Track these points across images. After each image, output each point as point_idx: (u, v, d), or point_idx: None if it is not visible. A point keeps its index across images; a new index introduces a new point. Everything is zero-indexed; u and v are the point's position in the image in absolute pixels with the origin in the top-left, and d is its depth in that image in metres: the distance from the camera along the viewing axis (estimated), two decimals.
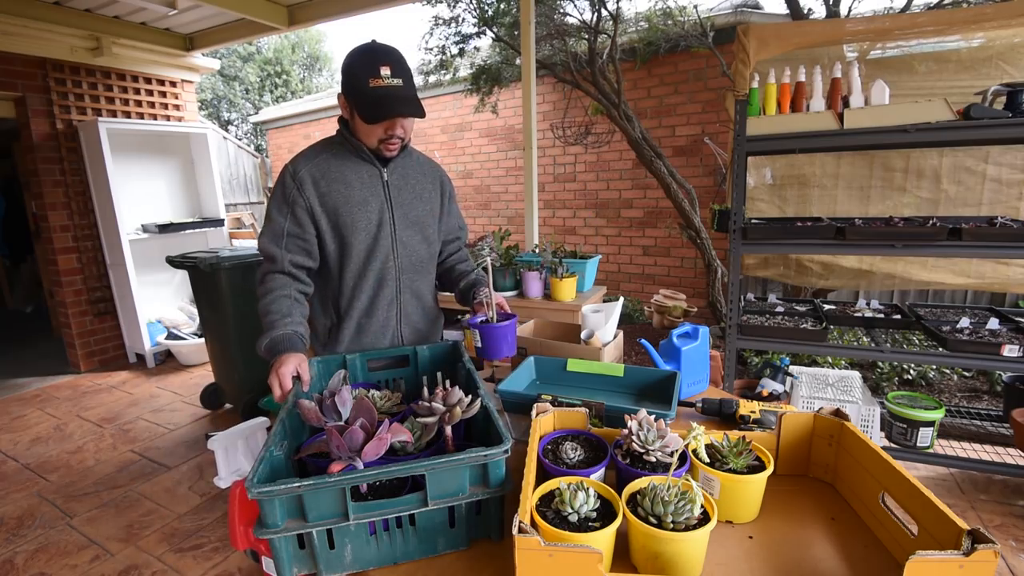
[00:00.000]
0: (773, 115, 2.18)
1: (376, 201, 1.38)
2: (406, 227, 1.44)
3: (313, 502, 0.77)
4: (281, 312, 1.28)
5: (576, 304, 2.58)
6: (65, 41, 3.89)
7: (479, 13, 4.25)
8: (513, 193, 6.05)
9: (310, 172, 1.34)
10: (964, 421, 2.70)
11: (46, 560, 2.08)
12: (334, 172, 1.35)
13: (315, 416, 0.95)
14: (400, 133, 1.32)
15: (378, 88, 1.22)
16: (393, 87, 1.23)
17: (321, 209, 1.34)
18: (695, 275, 4.90)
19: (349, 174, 1.36)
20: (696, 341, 1.45)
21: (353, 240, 1.36)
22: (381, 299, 1.43)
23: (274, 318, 1.27)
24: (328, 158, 1.37)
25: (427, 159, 1.54)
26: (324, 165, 1.36)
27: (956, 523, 0.65)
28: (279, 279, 1.34)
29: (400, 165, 1.44)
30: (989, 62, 2.43)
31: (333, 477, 0.76)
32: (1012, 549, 1.91)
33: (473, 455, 0.81)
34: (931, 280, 2.81)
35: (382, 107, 1.24)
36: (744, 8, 4.33)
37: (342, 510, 0.78)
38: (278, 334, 1.24)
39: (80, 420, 3.35)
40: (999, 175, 2.57)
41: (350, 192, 1.35)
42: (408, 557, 0.84)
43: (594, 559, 0.63)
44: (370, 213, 1.37)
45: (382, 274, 1.41)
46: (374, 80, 1.21)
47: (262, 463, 0.80)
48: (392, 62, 1.23)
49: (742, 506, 0.86)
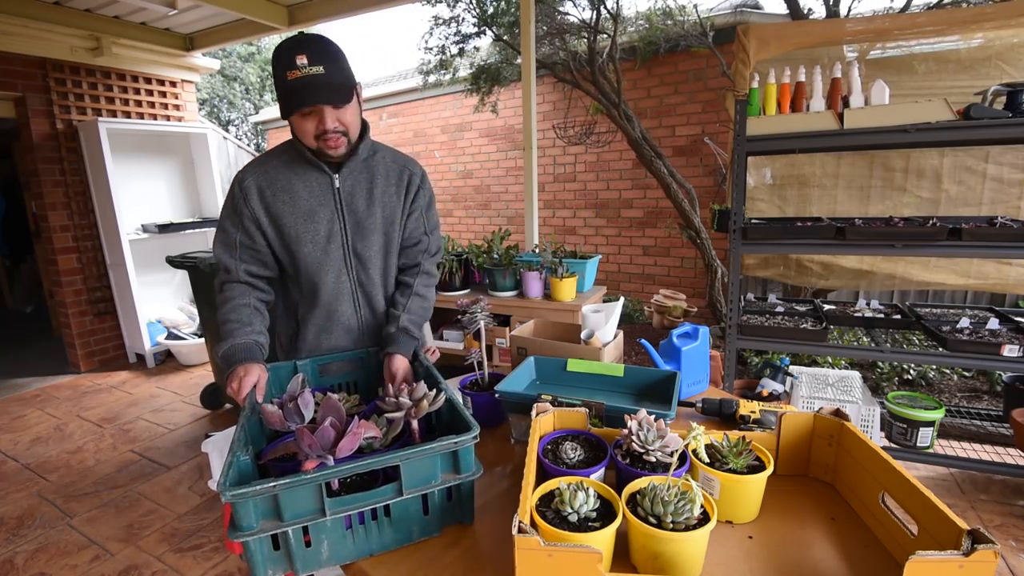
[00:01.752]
0: (773, 115, 2.18)
1: (325, 211, 1.28)
2: (361, 238, 1.33)
3: (289, 501, 0.77)
4: (241, 321, 1.23)
5: (576, 304, 2.58)
6: (65, 41, 3.89)
7: (479, 13, 4.25)
8: (513, 193, 6.06)
9: (256, 181, 1.26)
10: (964, 421, 2.70)
11: (46, 560, 2.08)
12: (280, 181, 1.27)
13: (279, 420, 0.93)
14: (334, 126, 1.19)
15: (295, 79, 1.12)
16: (311, 75, 1.12)
17: (267, 220, 1.27)
18: (695, 275, 4.90)
19: (296, 183, 1.27)
20: (696, 341, 1.45)
21: (300, 253, 1.29)
22: (339, 312, 1.36)
23: (233, 327, 1.22)
24: (277, 166, 1.28)
25: (398, 158, 1.41)
26: (272, 174, 1.27)
27: (956, 523, 0.65)
28: (237, 288, 1.29)
29: (356, 169, 1.32)
30: (989, 62, 2.43)
31: (310, 474, 0.77)
32: (1012, 549, 1.91)
33: (445, 443, 0.84)
34: (931, 280, 2.81)
35: (295, 96, 1.14)
36: (744, 8, 4.33)
37: (318, 506, 0.79)
38: (239, 342, 1.19)
39: (80, 420, 3.35)
40: (999, 175, 2.57)
41: (296, 203, 1.27)
42: (384, 548, 0.86)
43: (594, 559, 0.63)
44: (317, 225, 1.28)
45: (337, 288, 1.33)
46: (291, 72, 1.12)
47: (231, 468, 0.80)
48: (309, 50, 1.12)
49: (742, 506, 0.86)
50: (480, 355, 1.32)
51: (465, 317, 1.32)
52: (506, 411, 1.22)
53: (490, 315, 1.35)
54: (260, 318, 1.28)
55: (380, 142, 1.41)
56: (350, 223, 1.31)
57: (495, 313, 2.67)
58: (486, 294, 2.82)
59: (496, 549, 0.84)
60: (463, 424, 0.90)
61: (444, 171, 6.60)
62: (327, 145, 1.21)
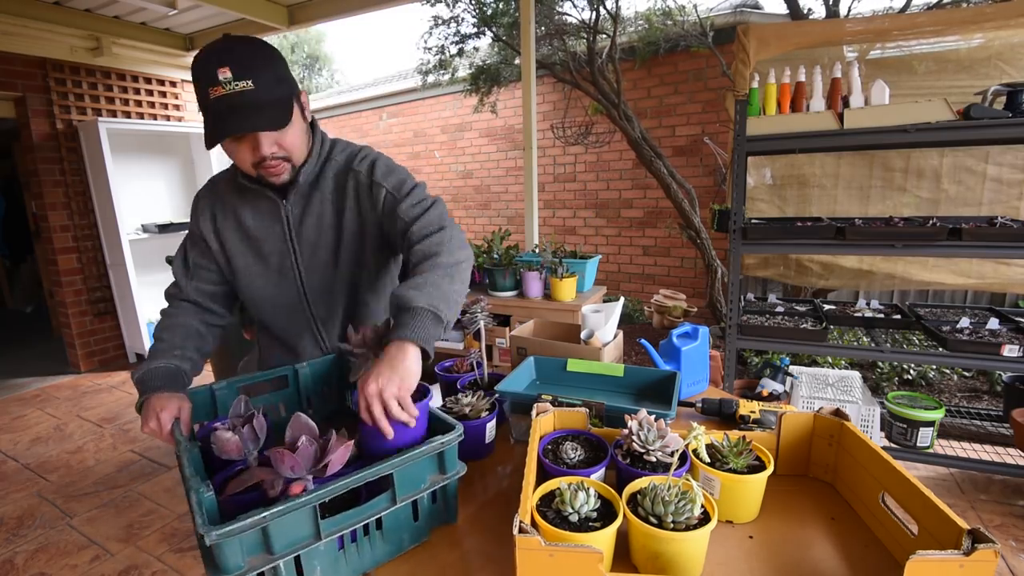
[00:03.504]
0: (773, 115, 2.18)
1: (274, 242, 1.12)
2: (316, 270, 1.15)
3: (280, 530, 0.69)
4: (169, 342, 1.07)
5: (576, 304, 2.58)
6: (65, 41, 3.89)
7: (479, 13, 4.25)
8: (513, 193, 6.06)
9: (209, 203, 1.14)
10: (964, 421, 2.70)
11: (46, 560, 2.08)
12: (229, 206, 1.12)
13: (236, 448, 0.82)
14: (272, 152, 0.99)
15: (218, 98, 0.90)
16: (235, 93, 0.90)
17: (217, 247, 1.14)
18: (695, 275, 4.90)
19: (244, 210, 1.11)
20: (696, 341, 1.45)
21: (250, 287, 1.15)
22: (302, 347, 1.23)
23: (159, 347, 1.06)
24: (228, 188, 1.13)
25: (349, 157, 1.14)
26: (222, 196, 1.13)
27: (956, 523, 0.65)
28: (182, 307, 1.15)
29: (306, 190, 1.11)
30: (989, 62, 2.43)
31: (304, 496, 0.70)
32: (1012, 549, 1.91)
33: (434, 445, 0.81)
34: (931, 280, 2.81)
35: (218, 124, 0.92)
36: (744, 8, 4.33)
37: (312, 530, 0.73)
38: (157, 366, 1.02)
39: (80, 420, 3.35)
40: (999, 175, 2.57)
41: (242, 234, 1.12)
42: (377, 562, 0.82)
43: (594, 559, 0.63)
44: (267, 258, 1.13)
45: (294, 327, 1.20)
46: (213, 89, 0.90)
47: (201, 506, 0.69)
48: (233, 60, 0.91)
49: (742, 506, 0.86)
50: (480, 355, 1.32)
51: (465, 317, 1.31)
52: (506, 411, 1.22)
53: (490, 315, 1.34)
54: (196, 341, 1.11)
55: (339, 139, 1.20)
56: (303, 255, 1.13)
57: (495, 313, 2.67)
58: (486, 294, 2.82)
59: (496, 549, 0.83)
60: (442, 427, 0.89)
61: (444, 171, 6.60)
62: (267, 173, 1.02)
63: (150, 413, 0.92)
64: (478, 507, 0.95)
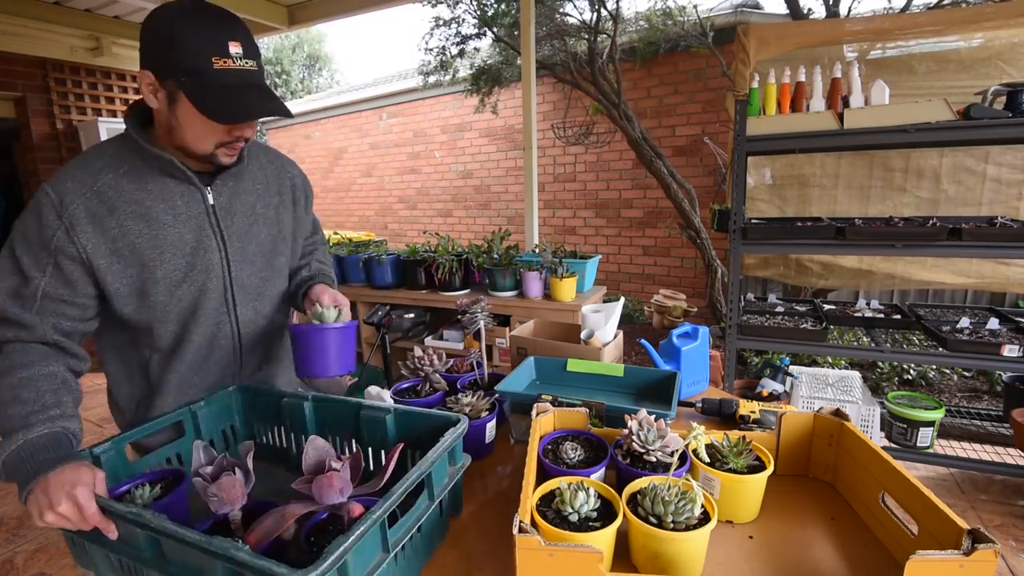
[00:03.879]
0: (773, 115, 2.19)
1: (197, 238, 0.96)
2: (246, 265, 1.03)
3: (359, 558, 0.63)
4: (41, 400, 0.81)
5: (576, 304, 2.58)
6: (65, 41, 3.89)
7: (479, 13, 4.25)
8: (513, 193, 6.06)
9: (88, 205, 0.87)
10: (964, 421, 2.70)
11: (46, 560, 2.08)
12: (127, 203, 0.90)
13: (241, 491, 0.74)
14: (250, 134, 0.94)
15: (229, 72, 0.83)
16: (247, 71, 0.85)
17: (107, 261, 0.89)
18: (695, 275, 4.90)
19: (153, 203, 0.92)
20: (696, 341, 1.45)
21: (167, 301, 0.95)
22: (213, 360, 1.05)
23: (27, 409, 0.79)
24: (117, 180, 0.90)
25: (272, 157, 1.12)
26: (110, 193, 0.89)
27: (956, 523, 0.65)
28: (34, 351, 0.86)
29: (231, 177, 1.00)
30: (989, 62, 2.43)
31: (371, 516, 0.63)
32: (1012, 549, 1.91)
33: (449, 440, 0.82)
34: (930, 279, 2.81)
35: (241, 102, 0.85)
36: (744, 8, 4.33)
37: (382, 546, 0.68)
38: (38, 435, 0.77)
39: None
40: (999, 175, 2.57)
41: (156, 232, 0.92)
42: (420, 566, 0.80)
43: (594, 559, 0.63)
44: (189, 257, 0.96)
45: (214, 334, 1.03)
46: (221, 60, 0.82)
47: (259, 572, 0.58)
48: (243, 36, 0.86)
49: (742, 506, 0.86)
50: (480, 355, 1.32)
51: (465, 317, 1.31)
52: (506, 411, 1.22)
53: (490, 315, 1.34)
54: (71, 396, 0.87)
55: None
56: (233, 250, 1.00)
57: (495, 313, 2.67)
58: (486, 294, 2.82)
59: (496, 549, 0.84)
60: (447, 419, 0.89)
61: (444, 171, 6.60)
62: (227, 154, 0.93)
63: (57, 495, 0.70)
64: (478, 506, 0.95)
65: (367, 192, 7.54)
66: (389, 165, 7.16)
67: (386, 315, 2.35)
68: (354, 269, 3.17)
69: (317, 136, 7.99)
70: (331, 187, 7.97)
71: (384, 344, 2.34)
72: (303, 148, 8.23)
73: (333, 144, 7.79)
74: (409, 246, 3.05)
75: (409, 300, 2.97)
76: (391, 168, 7.15)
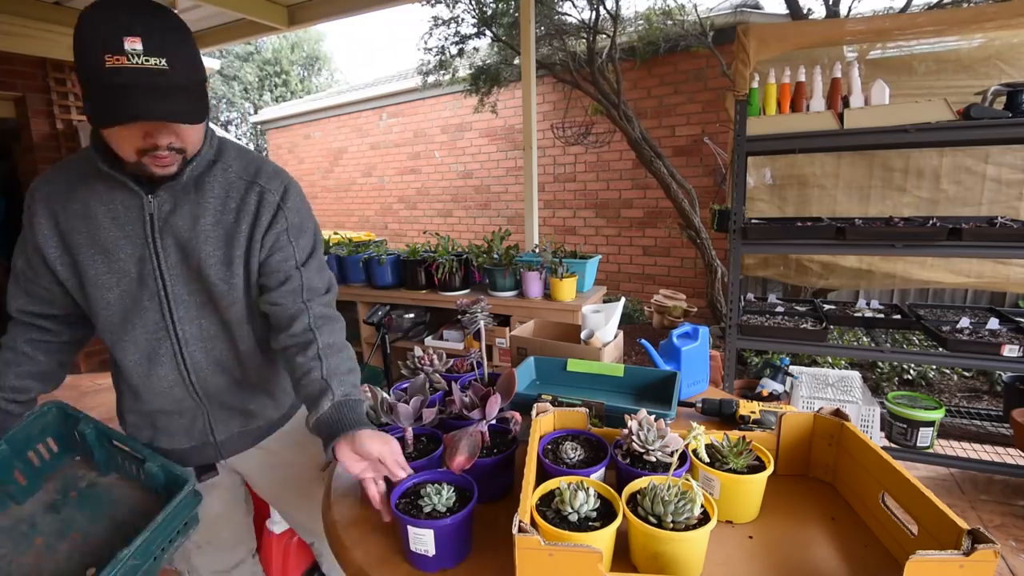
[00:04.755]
0: (773, 115, 2.19)
1: (132, 246, 0.93)
2: (184, 282, 0.97)
3: None
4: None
5: (576, 304, 2.58)
6: (65, 41, 3.89)
7: (478, 13, 4.25)
8: (513, 193, 6.06)
9: (47, 200, 0.92)
10: (964, 421, 2.70)
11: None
12: (75, 204, 0.92)
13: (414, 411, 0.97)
14: (170, 142, 0.85)
15: (123, 71, 0.75)
16: (142, 70, 0.76)
17: (57, 255, 0.93)
18: (695, 275, 4.90)
19: (95, 207, 0.92)
20: (696, 341, 1.45)
21: (100, 304, 0.95)
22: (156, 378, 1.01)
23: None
24: (72, 179, 0.93)
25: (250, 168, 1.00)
26: (64, 193, 0.92)
27: (956, 523, 0.65)
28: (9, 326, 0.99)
29: (179, 186, 0.93)
30: (989, 62, 2.43)
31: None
32: (1012, 549, 1.91)
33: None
34: (930, 279, 2.81)
35: (119, 101, 0.76)
36: (744, 8, 4.33)
37: None
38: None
39: None
40: (999, 175, 2.57)
41: (95, 234, 0.92)
42: None
43: (594, 558, 0.63)
44: (123, 263, 0.93)
45: (154, 348, 0.99)
46: (113, 58, 0.75)
47: None
48: (143, 29, 0.76)
49: (742, 506, 0.86)
50: (480, 355, 1.32)
51: (465, 317, 1.31)
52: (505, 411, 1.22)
53: (490, 315, 1.33)
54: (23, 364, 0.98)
55: (231, 141, 1.04)
56: (168, 263, 0.95)
57: (495, 313, 2.67)
58: (486, 294, 2.82)
59: (496, 548, 0.83)
60: None
61: (444, 171, 6.60)
62: (155, 163, 0.86)
63: None
64: (478, 506, 0.94)
65: (367, 192, 7.54)
66: (389, 165, 7.16)
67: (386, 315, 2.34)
68: (354, 269, 3.17)
69: (317, 136, 8.00)
70: (331, 187, 7.97)
71: (384, 344, 2.34)
72: (303, 148, 8.24)
73: (333, 144, 7.79)
74: (409, 246, 3.05)
75: (409, 300, 2.97)
76: (391, 168, 7.15)
